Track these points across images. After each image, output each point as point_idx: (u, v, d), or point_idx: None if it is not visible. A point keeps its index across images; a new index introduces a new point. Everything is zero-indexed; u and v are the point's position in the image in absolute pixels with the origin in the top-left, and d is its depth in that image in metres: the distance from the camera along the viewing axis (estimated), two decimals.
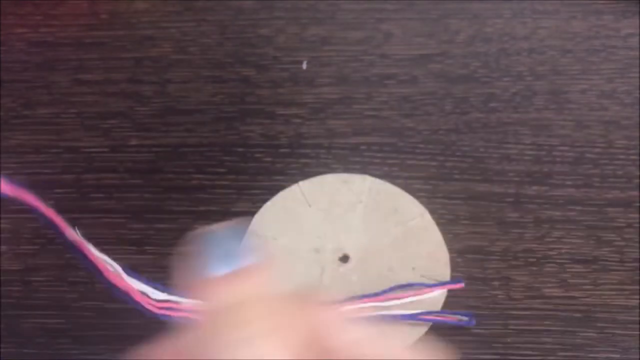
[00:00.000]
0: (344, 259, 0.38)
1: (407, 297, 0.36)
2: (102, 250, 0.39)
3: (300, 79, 0.44)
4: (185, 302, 0.28)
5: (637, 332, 0.37)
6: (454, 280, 0.37)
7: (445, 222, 0.39)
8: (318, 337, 0.20)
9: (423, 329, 0.37)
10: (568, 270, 0.39)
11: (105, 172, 0.41)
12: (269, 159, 0.41)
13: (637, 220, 0.39)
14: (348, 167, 0.41)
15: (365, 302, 0.36)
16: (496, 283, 0.38)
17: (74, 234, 0.26)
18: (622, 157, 0.41)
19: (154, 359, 0.21)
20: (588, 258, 0.39)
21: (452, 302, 0.37)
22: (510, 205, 0.40)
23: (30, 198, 0.23)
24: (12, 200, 0.23)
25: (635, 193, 0.40)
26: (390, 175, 0.41)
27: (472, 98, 0.43)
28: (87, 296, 0.38)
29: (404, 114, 0.42)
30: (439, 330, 0.37)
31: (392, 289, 0.36)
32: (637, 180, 0.40)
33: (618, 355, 0.37)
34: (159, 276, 0.38)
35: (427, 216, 0.39)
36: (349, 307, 0.35)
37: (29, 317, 0.38)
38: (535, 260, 0.39)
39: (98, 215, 0.40)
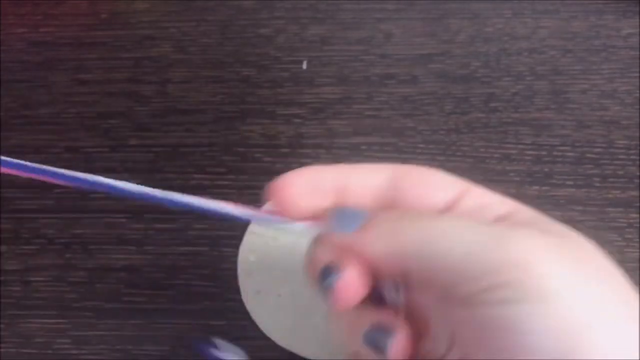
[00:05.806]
0: None
1: None
2: (102, 250, 0.39)
3: (300, 79, 0.44)
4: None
5: None
6: None
7: None
8: None
9: None
10: None
11: (105, 172, 0.41)
12: (269, 159, 0.41)
13: (638, 220, 0.39)
14: None
15: None
16: None
17: None
18: (622, 157, 0.41)
19: None
20: None
21: None
22: None
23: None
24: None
25: (636, 193, 0.40)
26: None
27: (472, 98, 0.43)
28: (87, 296, 0.38)
29: (404, 114, 0.42)
30: None
31: None
32: (638, 180, 0.40)
33: None
34: (159, 276, 0.38)
35: None
36: None
37: (29, 317, 0.37)
38: None
39: (98, 215, 0.40)
